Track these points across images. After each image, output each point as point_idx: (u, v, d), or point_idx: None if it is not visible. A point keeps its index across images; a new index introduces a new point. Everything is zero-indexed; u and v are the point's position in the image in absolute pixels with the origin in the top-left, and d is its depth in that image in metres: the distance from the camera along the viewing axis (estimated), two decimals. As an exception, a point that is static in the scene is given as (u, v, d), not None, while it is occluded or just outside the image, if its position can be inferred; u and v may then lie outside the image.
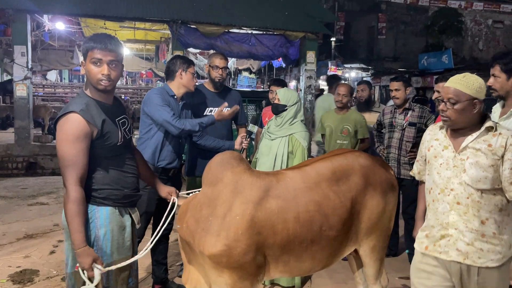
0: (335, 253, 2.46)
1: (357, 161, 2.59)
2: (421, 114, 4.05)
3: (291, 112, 3.41)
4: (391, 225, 2.76)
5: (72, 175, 1.97)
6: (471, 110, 1.97)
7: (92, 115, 2.05)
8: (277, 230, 2.24)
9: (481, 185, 1.96)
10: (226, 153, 2.50)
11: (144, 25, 11.16)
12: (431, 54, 18.00)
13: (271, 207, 2.25)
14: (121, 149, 2.20)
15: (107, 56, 2.06)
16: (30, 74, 8.82)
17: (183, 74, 3.24)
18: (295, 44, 10.22)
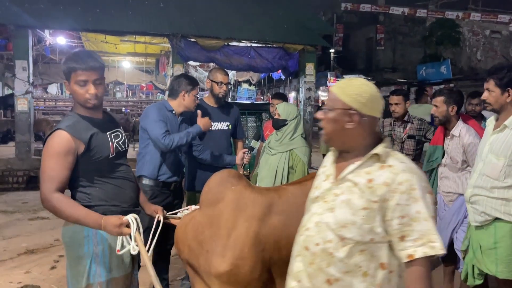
0: None
1: None
2: (420, 126, 4.08)
3: (291, 126, 3.43)
4: None
5: (50, 185, 2.01)
6: (344, 123, 1.51)
7: (79, 130, 2.10)
8: (281, 245, 2.23)
9: (345, 233, 1.46)
10: (224, 172, 2.48)
11: (144, 39, 11.25)
12: (429, 65, 18.13)
13: (274, 223, 2.25)
14: (115, 161, 2.23)
15: (91, 75, 2.10)
16: (31, 89, 8.86)
17: (186, 96, 3.27)
18: (294, 57, 10.31)
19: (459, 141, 3.23)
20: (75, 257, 2.13)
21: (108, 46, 11.76)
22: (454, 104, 3.29)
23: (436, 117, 3.36)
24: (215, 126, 3.70)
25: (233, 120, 3.84)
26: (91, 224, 2.02)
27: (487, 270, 2.64)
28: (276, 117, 3.47)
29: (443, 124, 3.39)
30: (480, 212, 2.63)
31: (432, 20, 22.21)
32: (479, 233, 2.68)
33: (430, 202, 1.44)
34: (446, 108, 3.30)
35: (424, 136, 4.06)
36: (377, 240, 1.44)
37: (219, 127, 3.74)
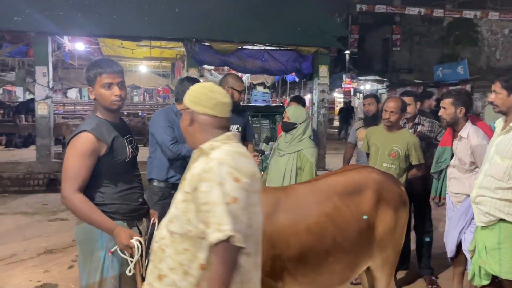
0: (352, 266, 2.51)
1: (370, 177, 2.66)
2: (431, 128, 4.09)
3: (301, 129, 3.51)
4: (402, 240, 2.80)
5: (73, 184, 2.12)
6: (186, 121, 1.68)
7: (103, 133, 2.22)
8: (290, 242, 2.33)
9: (172, 227, 1.57)
10: None
11: (159, 43, 11.44)
12: (446, 65, 17.92)
13: (281, 221, 2.35)
14: (129, 165, 2.35)
15: (116, 78, 2.25)
16: (51, 94, 9.10)
17: None
18: (308, 59, 10.33)
19: (467, 142, 3.24)
20: (89, 253, 2.23)
21: (125, 51, 12.00)
22: (462, 105, 3.31)
23: (444, 119, 3.37)
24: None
25: (243, 123, 3.93)
26: (105, 230, 2.14)
27: (491, 270, 2.66)
28: (286, 120, 3.55)
29: (451, 126, 3.40)
30: (484, 213, 2.65)
31: (450, 19, 21.92)
32: (484, 233, 2.70)
33: (231, 189, 1.47)
34: (454, 110, 3.31)
35: (434, 138, 4.06)
36: (194, 232, 1.50)
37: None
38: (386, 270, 2.66)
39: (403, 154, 3.64)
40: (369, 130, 4.03)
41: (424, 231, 4.08)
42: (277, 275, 2.34)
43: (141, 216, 2.41)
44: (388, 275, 2.68)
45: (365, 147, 4.00)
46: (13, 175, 8.33)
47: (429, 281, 3.96)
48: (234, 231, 1.42)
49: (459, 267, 3.50)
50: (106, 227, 2.13)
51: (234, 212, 1.45)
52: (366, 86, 24.73)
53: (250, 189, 1.55)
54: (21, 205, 7.09)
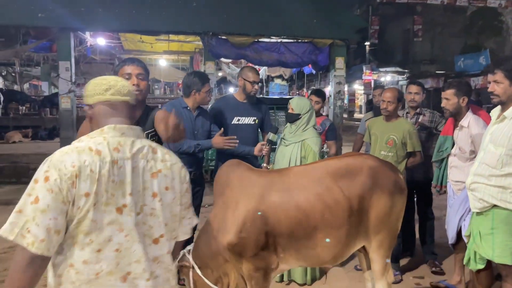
0: (344, 243, 2.64)
1: (365, 163, 2.78)
2: (432, 118, 4.16)
3: (304, 119, 3.64)
4: (399, 225, 2.91)
5: None
6: (88, 121, 1.69)
7: None
8: (281, 218, 2.52)
9: None
10: (225, 164, 2.82)
11: (178, 37, 11.65)
12: (467, 56, 17.61)
13: (273, 199, 2.55)
14: None
15: (135, 70, 2.47)
16: (74, 88, 9.43)
17: (197, 94, 3.54)
18: (324, 51, 10.35)
19: (468, 131, 3.31)
20: None
21: (145, 45, 12.27)
22: (464, 95, 3.38)
23: (447, 110, 3.44)
24: (243, 121, 3.96)
25: (261, 115, 4.07)
26: None
27: (485, 255, 2.75)
28: (290, 112, 3.68)
29: (453, 116, 3.47)
30: (479, 199, 2.74)
31: (473, 9, 21.43)
32: (478, 219, 2.79)
33: (37, 188, 1.43)
34: (457, 100, 3.38)
35: (435, 128, 4.14)
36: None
37: (246, 121, 3.99)
38: (381, 253, 2.77)
39: (400, 142, 3.77)
40: (371, 121, 4.22)
41: (426, 217, 4.19)
42: (271, 250, 2.54)
43: None
44: (383, 257, 2.79)
45: (367, 137, 4.20)
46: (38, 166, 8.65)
47: (432, 265, 4.07)
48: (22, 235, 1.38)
49: (460, 253, 3.58)
50: None
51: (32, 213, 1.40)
52: (387, 78, 24.50)
53: (67, 189, 1.44)
54: (46, 194, 7.42)
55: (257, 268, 2.52)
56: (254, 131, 4.08)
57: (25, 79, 20.11)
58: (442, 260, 4.28)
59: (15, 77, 18.82)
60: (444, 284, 3.70)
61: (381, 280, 2.85)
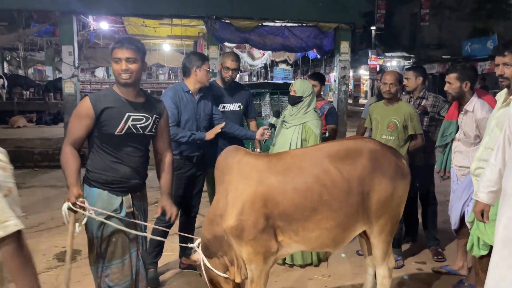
0: (344, 226, 2.62)
1: (366, 146, 2.74)
2: (435, 103, 4.10)
3: (306, 102, 3.61)
4: (401, 211, 2.87)
5: (66, 140, 2.42)
6: None
7: (99, 101, 2.42)
8: (279, 200, 2.51)
9: None
10: (223, 151, 2.81)
11: (181, 22, 11.53)
12: (475, 40, 17.35)
13: (271, 182, 2.54)
14: (120, 139, 2.46)
15: (125, 53, 2.39)
16: (77, 72, 9.39)
17: (198, 71, 3.49)
18: (329, 35, 10.21)
19: (473, 116, 3.26)
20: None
21: (148, 30, 12.18)
22: (468, 80, 3.31)
23: (450, 94, 3.39)
24: (227, 107, 3.92)
25: (245, 100, 4.03)
26: (67, 183, 2.37)
27: (489, 241, 2.71)
28: (292, 94, 3.64)
29: (457, 100, 3.41)
30: None
31: (482, -8, 21.03)
32: (482, 205, 2.75)
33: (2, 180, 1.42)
34: (460, 84, 3.32)
35: (438, 113, 4.09)
36: None
37: (231, 108, 3.94)
38: (383, 238, 2.75)
39: (401, 125, 3.74)
40: (372, 106, 4.16)
41: (429, 203, 4.16)
42: (270, 233, 2.53)
43: (126, 190, 2.51)
44: (385, 242, 2.77)
45: (368, 122, 4.16)
46: (43, 151, 8.68)
47: (435, 252, 4.04)
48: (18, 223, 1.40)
49: (463, 239, 3.56)
50: (67, 182, 2.36)
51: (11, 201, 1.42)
52: (393, 63, 24.23)
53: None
54: (50, 179, 7.45)
55: (257, 252, 2.50)
56: (240, 117, 4.05)
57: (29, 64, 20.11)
58: (445, 246, 4.26)
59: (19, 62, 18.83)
60: (446, 270, 3.69)
61: (382, 265, 2.83)
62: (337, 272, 3.75)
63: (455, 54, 19.89)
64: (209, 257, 2.70)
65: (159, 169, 2.73)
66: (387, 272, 2.83)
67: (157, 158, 2.74)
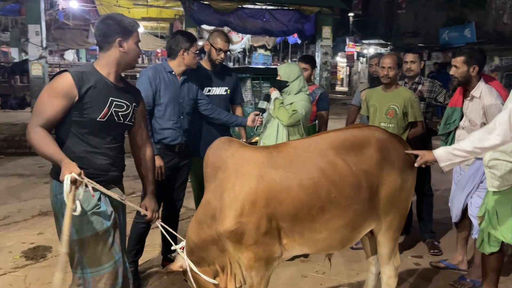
0: (354, 225, 2.37)
1: (373, 135, 2.48)
2: (431, 88, 3.92)
3: (294, 87, 3.33)
4: (408, 204, 2.65)
5: (37, 120, 2.03)
6: None
7: (82, 79, 2.09)
8: (282, 199, 2.22)
9: None
10: (214, 143, 2.48)
11: (157, 3, 11.04)
12: (452, 28, 17.45)
13: (272, 177, 2.24)
14: (101, 127, 2.16)
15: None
16: (45, 53, 8.84)
17: (185, 54, 3.15)
18: (310, 19, 9.98)
19: (480, 102, 3.06)
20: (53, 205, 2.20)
21: (121, 10, 11.56)
22: (476, 64, 3.10)
23: (456, 78, 3.17)
24: (213, 91, 3.59)
25: (231, 85, 3.71)
26: (54, 162, 2.00)
27: (502, 238, 2.53)
28: (278, 78, 3.36)
29: (462, 85, 3.20)
30: (498, 177, 2.49)
31: (457, -19, 21.15)
32: (496, 199, 2.55)
33: None
34: (467, 68, 3.10)
35: (434, 99, 3.91)
36: None
37: (217, 92, 3.61)
38: (390, 235, 2.53)
39: (401, 112, 3.54)
40: (368, 92, 3.92)
41: (424, 194, 3.97)
42: (273, 236, 2.25)
43: (104, 183, 2.18)
44: (392, 240, 2.55)
45: (364, 110, 3.92)
46: (9, 137, 8.16)
47: (431, 246, 3.88)
48: None
49: (463, 232, 3.40)
50: (55, 159, 1.98)
51: None
52: (370, 50, 24.22)
53: None
54: (17, 167, 6.99)
55: (258, 257, 2.22)
56: (226, 102, 3.72)
57: (-7, 45, 19.06)
58: (440, 238, 4.11)
59: (-18, 43, 17.78)
60: (444, 264, 3.52)
61: (388, 264, 2.61)
62: (332, 269, 3.53)
63: (430, 42, 19.99)
64: (196, 262, 2.41)
65: (139, 164, 2.47)
66: (393, 271, 2.61)
67: (136, 152, 2.46)
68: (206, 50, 3.57)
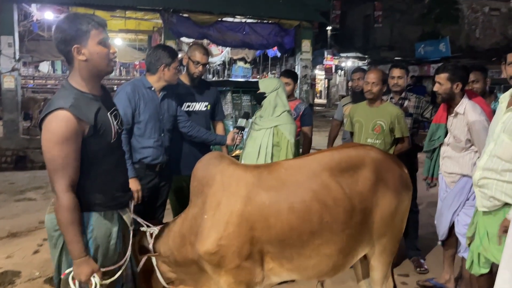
0: (347, 251, 2.27)
1: (368, 155, 2.39)
2: (418, 104, 3.89)
3: (271, 99, 3.21)
4: (403, 227, 2.56)
5: (63, 180, 1.76)
6: None
7: (83, 110, 1.82)
8: (271, 223, 2.11)
9: None
10: (204, 158, 2.38)
11: (135, 15, 10.87)
12: (428, 43, 17.83)
13: (261, 199, 2.13)
14: (113, 147, 1.99)
15: (107, 34, 1.95)
16: (18, 66, 8.57)
17: (166, 70, 3.01)
18: (290, 33, 10.01)
19: (464, 118, 3.03)
20: (51, 244, 1.96)
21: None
22: (459, 81, 3.07)
23: (439, 95, 3.15)
24: (193, 107, 3.46)
25: (212, 100, 3.58)
26: (72, 251, 1.81)
27: (493, 259, 2.47)
28: (258, 92, 3.27)
29: (446, 102, 3.18)
30: (488, 197, 2.43)
31: (431, -4, 21.71)
32: (486, 219, 2.49)
33: None
34: (451, 85, 3.08)
35: (421, 115, 3.88)
36: None
37: (197, 108, 3.48)
38: (384, 259, 2.43)
39: (388, 128, 3.46)
40: (352, 108, 3.82)
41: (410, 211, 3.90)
42: (255, 260, 2.13)
43: (124, 204, 2.05)
44: (386, 264, 2.45)
45: (348, 126, 3.80)
46: (-21, 152, 7.82)
47: (417, 264, 3.81)
48: None
49: (450, 250, 3.34)
50: (72, 250, 1.79)
51: None
52: (348, 63, 24.54)
53: None
54: (-12, 184, 6.67)
55: (238, 281, 2.10)
56: (207, 118, 3.59)
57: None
58: (425, 254, 4.04)
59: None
60: (432, 283, 3.45)
61: (380, 289, 2.51)
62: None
63: (406, 56, 20.38)
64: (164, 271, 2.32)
65: None
66: (385, 297, 2.51)
67: None
68: (184, 64, 3.45)
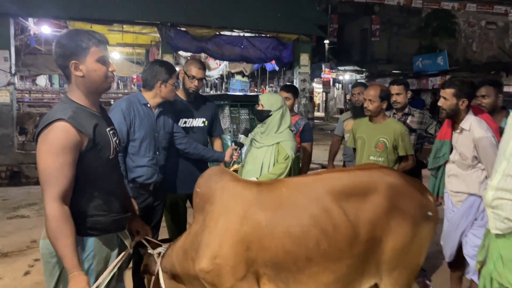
0: (347, 281, 2.13)
1: (383, 179, 2.22)
2: (421, 120, 3.79)
3: (276, 117, 3.10)
4: (421, 259, 2.33)
5: (51, 191, 1.67)
6: None
7: (82, 122, 1.77)
8: (265, 245, 2.02)
9: None
10: (205, 173, 2.33)
11: (133, 29, 10.85)
12: (426, 56, 17.86)
13: (258, 219, 2.04)
14: (111, 164, 1.92)
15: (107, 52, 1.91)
16: (14, 80, 8.48)
17: (163, 87, 2.92)
18: (288, 47, 9.98)
19: (470, 135, 2.93)
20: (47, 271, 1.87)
21: (96, 36, 11.34)
22: (465, 97, 2.98)
23: (444, 110, 3.05)
24: (190, 123, 3.37)
25: (209, 115, 3.48)
26: (64, 265, 1.69)
27: (508, 284, 2.33)
28: (260, 109, 3.16)
29: (450, 117, 3.09)
30: (503, 218, 2.29)
31: (428, 10, 21.88)
32: (500, 242, 2.36)
33: None
34: (456, 101, 2.98)
35: (425, 131, 3.78)
36: None
37: (194, 123, 3.38)
38: (397, 293, 2.27)
39: (391, 145, 3.33)
40: (355, 124, 3.72)
41: None
42: (250, 281, 2.04)
43: (123, 226, 1.98)
44: (398, 300, 2.28)
45: (351, 142, 3.68)
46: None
47: (423, 285, 3.67)
48: None
49: (457, 272, 3.22)
50: (66, 264, 1.68)
51: None
52: (345, 77, 24.59)
53: None
54: (-20, 201, 6.53)
55: None
56: (204, 134, 3.50)
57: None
58: (430, 275, 3.91)
59: None
60: (438, 306, 3.33)
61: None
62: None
63: (404, 69, 20.43)
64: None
65: None
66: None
67: None
68: (180, 79, 3.36)
